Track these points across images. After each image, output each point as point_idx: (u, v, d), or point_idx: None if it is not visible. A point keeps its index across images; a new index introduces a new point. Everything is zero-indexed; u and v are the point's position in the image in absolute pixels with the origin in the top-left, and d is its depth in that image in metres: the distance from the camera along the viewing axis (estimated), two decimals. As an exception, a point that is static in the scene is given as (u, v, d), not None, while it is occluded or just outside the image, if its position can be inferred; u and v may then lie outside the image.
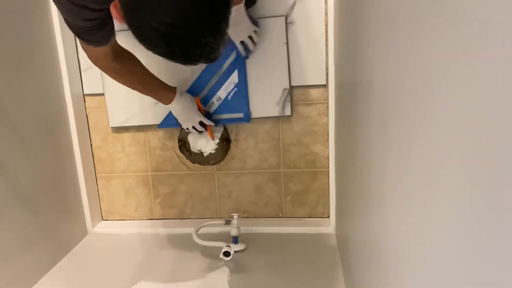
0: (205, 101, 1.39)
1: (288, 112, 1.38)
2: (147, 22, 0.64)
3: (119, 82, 1.17)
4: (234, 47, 1.31)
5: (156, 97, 1.25)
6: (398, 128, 0.55)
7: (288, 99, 1.37)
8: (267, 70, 1.36)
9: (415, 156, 0.47)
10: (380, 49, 0.64)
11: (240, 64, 1.35)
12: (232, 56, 1.35)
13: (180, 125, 1.34)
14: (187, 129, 1.35)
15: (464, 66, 0.34)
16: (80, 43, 1.01)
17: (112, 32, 0.96)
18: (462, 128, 0.34)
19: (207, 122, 1.34)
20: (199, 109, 1.33)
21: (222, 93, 1.38)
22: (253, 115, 1.40)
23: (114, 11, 0.73)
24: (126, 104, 1.45)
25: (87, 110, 1.51)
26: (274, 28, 1.33)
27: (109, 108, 1.46)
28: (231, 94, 1.38)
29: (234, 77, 1.37)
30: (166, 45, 0.66)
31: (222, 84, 1.38)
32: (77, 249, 1.42)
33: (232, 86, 1.37)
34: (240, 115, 1.39)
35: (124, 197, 1.58)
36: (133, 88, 1.19)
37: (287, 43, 1.34)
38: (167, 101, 1.26)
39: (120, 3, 0.69)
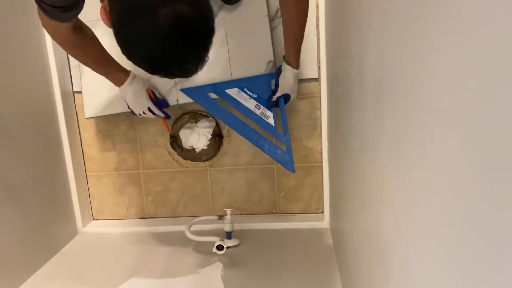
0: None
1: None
2: (135, 47, 0.70)
3: (72, 55, 1.14)
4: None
5: (108, 76, 1.20)
6: (393, 121, 0.54)
7: (273, 71, 1.36)
8: (249, 43, 1.32)
9: (409, 148, 0.47)
10: (373, 41, 0.64)
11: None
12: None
13: (131, 110, 1.27)
14: (139, 114, 1.27)
15: (459, 59, 0.33)
16: (41, 19, 0.98)
17: (81, 9, 0.93)
18: (457, 121, 0.34)
19: (155, 110, 1.26)
20: (150, 96, 1.27)
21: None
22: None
23: (103, 13, 0.74)
24: (102, 93, 1.38)
25: (76, 107, 1.49)
26: (254, 0, 1.31)
27: (85, 99, 1.39)
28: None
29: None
30: (150, 65, 0.73)
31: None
32: (67, 249, 1.39)
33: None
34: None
35: (116, 196, 1.55)
36: (86, 63, 1.15)
37: (269, 15, 1.32)
38: (118, 82, 1.21)
39: (111, 18, 0.72)
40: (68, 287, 1.16)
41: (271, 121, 1.28)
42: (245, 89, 1.30)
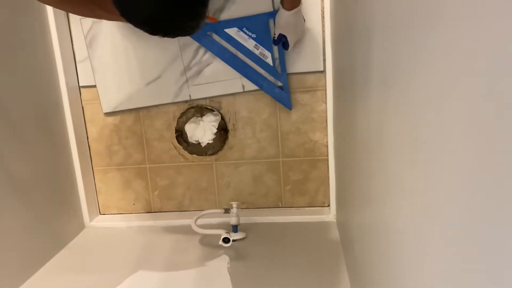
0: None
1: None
2: (134, 7, 0.71)
3: (71, 11, 1.15)
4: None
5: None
6: (400, 112, 0.53)
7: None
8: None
9: (418, 138, 0.46)
10: (379, 30, 0.63)
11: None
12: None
13: None
14: None
15: (465, 48, 0.33)
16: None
17: None
18: (467, 112, 0.33)
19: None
20: None
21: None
22: (246, 88, 1.39)
23: None
24: (117, 89, 1.45)
25: (83, 102, 1.49)
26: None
27: (100, 95, 1.45)
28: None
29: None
30: (150, 25, 0.74)
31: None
32: (74, 243, 1.40)
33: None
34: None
35: (122, 191, 1.56)
36: (86, 14, 1.13)
37: (274, 11, 1.32)
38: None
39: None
40: (75, 280, 1.17)
41: (269, 61, 1.34)
42: (244, 28, 1.33)
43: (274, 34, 1.23)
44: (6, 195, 1.13)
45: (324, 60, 1.35)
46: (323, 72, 1.37)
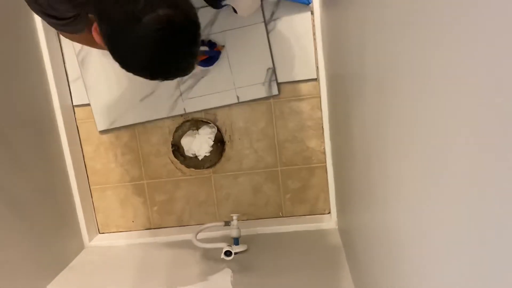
0: None
1: (275, 91, 1.38)
2: (130, 59, 0.73)
3: (101, 48, 1.17)
4: None
5: None
6: (398, 114, 0.53)
7: (273, 78, 1.36)
8: (248, 52, 1.36)
9: (417, 139, 0.46)
10: (373, 34, 0.63)
11: None
12: None
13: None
14: None
15: (460, 61, 0.33)
16: (65, 36, 1.00)
17: (85, 19, 0.94)
18: (466, 113, 0.33)
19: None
20: None
21: None
22: (241, 99, 1.39)
23: (95, 33, 0.76)
24: (111, 107, 1.44)
25: (77, 121, 1.48)
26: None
27: (95, 113, 1.45)
28: None
29: None
30: (148, 72, 0.76)
31: None
32: (74, 263, 1.38)
33: None
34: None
35: (120, 208, 1.54)
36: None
37: (265, 21, 1.33)
38: None
39: (103, 38, 0.73)
40: (77, 302, 1.15)
41: None
42: None
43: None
44: (4, 218, 1.11)
45: (317, 67, 1.35)
46: (316, 79, 1.37)
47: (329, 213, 1.45)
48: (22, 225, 1.18)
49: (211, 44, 1.33)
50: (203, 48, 1.27)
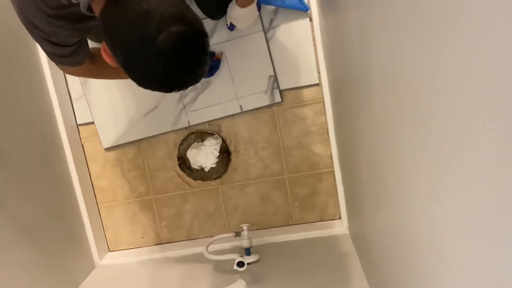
0: None
1: (278, 98, 1.37)
2: (149, 79, 0.74)
3: (101, 78, 1.20)
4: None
5: None
6: (409, 113, 0.52)
7: (276, 85, 1.36)
8: (249, 61, 1.36)
9: (429, 138, 0.44)
10: (378, 34, 0.62)
11: None
12: None
13: None
14: None
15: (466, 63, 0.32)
16: (64, 70, 1.02)
17: (86, 50, 0.95)
18: (480, 109, 0.32)
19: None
20: None
21: None
22: (244, 109, 1.39)
23: (104, 53, 0.76)
24: (116, 123, 1.44)
25: (82, 140, 1.49)
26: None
27: (99, 131, 1.45)
28: None
29: None
30: (167, 88, 0.77)
31: None
32: (86, 283, 1.37)
33: None
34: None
35: (129, 225, 1.54)
36: (116, 77, 1.17)
37: (264, 29, 1.33)
38: None
39: (118, 62, 0.74)
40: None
41: None
42: None
43: (227, 22, 1.22)
44: (11, 241, 1.11)
45: (319, 72, 1.35)
46: (318, 84, 1.37)
47: (340, 218, 1.43)
48: (31, 248, 1.18)
49: (210, 54, 1.34)
50: None
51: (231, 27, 1.24)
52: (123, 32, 0.70)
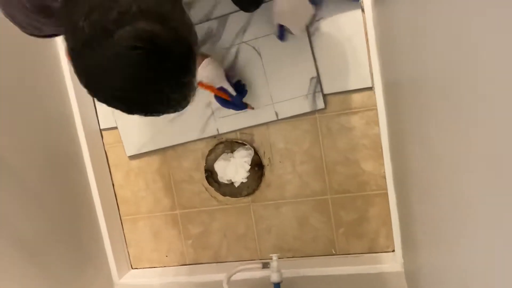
0: None
1: (321, 104, 1.16)
2: (99, 83, 0.57)
3: None
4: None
5: None
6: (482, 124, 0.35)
7: (318, 88, 1.15)
8: (287, 60, 1.16)
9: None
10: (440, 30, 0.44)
11: None
12: None
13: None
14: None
15: None
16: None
17: None
18: None
19: (228, 87, 1.06)
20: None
21: None
22: (280, 116, 1.19)
23: (67, 53, 0.60)
24: (140, 129, 1.32)
25: (105, 146, 1.37)
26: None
27: (123, 137, 1.33)
28: None
29: None
30: (123, 102, 0.59)
31: None
32: (101, 305, 1.25)
33: None
34: None
35: (154, 241, 1.40)
36: None
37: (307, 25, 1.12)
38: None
39: (68, 53, 0.57)
40: None
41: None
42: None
43: (274, 27, 1.04)
44: (23, 257, 1.02)
45: (372, 74, 1.12)
46: (371, 88, 1.13)
47: (393, 251, 1.18)
48: (41, 265, 1.07)
49: (239, 88, 1.13)
50: (229, 89, 1.08)
51: (281, 34, 1.05)
52: (77, 17, 0.53)
